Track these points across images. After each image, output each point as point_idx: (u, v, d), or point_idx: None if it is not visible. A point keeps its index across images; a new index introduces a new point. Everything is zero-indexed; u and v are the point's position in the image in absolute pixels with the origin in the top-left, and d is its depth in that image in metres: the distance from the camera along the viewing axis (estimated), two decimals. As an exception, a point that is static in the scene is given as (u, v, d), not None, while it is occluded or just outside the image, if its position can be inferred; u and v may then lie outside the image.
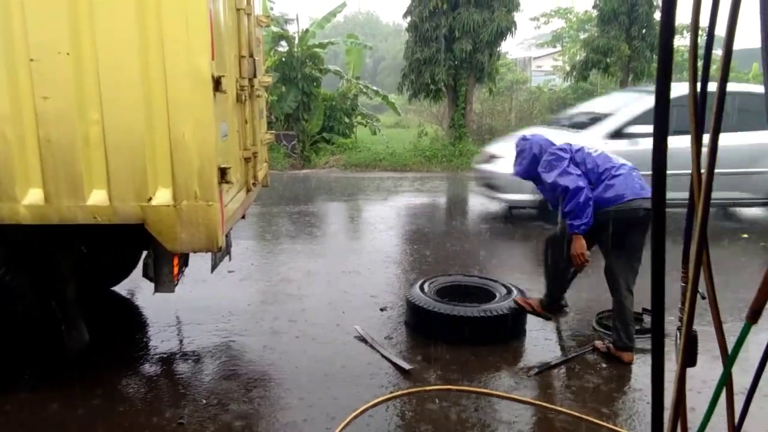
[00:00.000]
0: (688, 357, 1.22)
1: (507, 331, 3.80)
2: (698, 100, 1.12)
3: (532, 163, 3.68)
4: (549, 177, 3.48)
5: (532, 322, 4.06)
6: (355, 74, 17.17)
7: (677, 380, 1.23)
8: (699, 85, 1.11)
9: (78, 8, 2.54)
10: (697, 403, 1.99)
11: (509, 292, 4.06)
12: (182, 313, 4.26)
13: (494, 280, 4.36)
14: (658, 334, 1.22)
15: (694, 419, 1.28)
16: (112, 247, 3.88)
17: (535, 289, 4.80)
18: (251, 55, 3.58)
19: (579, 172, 3.45)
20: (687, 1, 1.05)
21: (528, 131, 3.95)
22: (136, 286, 4.66)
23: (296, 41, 15.62)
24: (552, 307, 3.86)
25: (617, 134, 6.66)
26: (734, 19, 0.99)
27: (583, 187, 3.35)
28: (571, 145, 3.65)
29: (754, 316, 1.06)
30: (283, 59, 15.23)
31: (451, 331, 3.71)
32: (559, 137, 4.23)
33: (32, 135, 2.62)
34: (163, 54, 2.59)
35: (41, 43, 2.55)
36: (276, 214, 8.25)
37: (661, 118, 1.08)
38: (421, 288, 4.08)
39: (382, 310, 4.38)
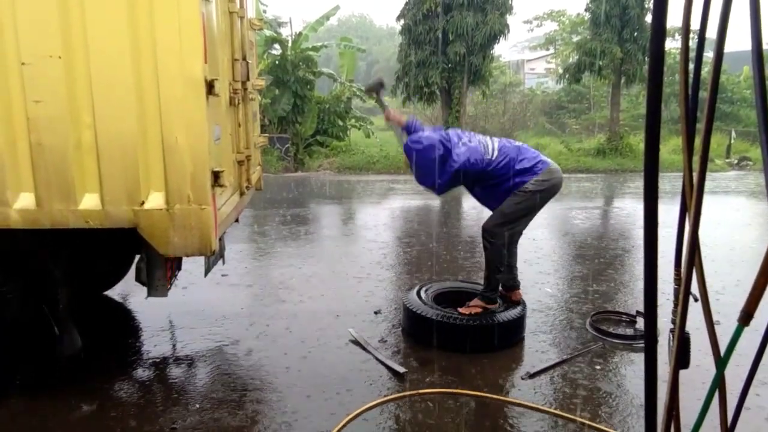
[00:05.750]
0: (681, 358, 1.22)
1: (506, 339, 3.75)
2: (689, 102, 1.12)
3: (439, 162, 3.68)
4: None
5: (529, 327, 4.06)
6: (349, 77, 17.18)
7: (670, 382, 1.23)
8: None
9: (69, 11, 2.53)
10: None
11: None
12: (175, 318, 4.24)
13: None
14: (650, 336, 1.23)
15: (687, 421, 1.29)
16: (104, 251, 3.86)
17: (531, 293, 4.81)
18: (244, 58, 3.57)
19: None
20: (678, 4, 1.06)
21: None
22: (129, 290, 4.64)
23: (289, 44, 15.62)
24: (494, 296, 3.89)
25: None
26: (725, 22, 0.99)
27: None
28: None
29: (746, 319, 1.06)
30: (277, 62, 15.23)
31: (449, 339, 3.66)
32: None
33: (24, 139, 2.60)
34: (156, 57, 2.58)
35: (33, 47, 2.53)
36: (269, 217, 8.23)
37: (653, 121, 1.08)
38: (418, 294, 4.05)
39: (376, 313, 4.37)
